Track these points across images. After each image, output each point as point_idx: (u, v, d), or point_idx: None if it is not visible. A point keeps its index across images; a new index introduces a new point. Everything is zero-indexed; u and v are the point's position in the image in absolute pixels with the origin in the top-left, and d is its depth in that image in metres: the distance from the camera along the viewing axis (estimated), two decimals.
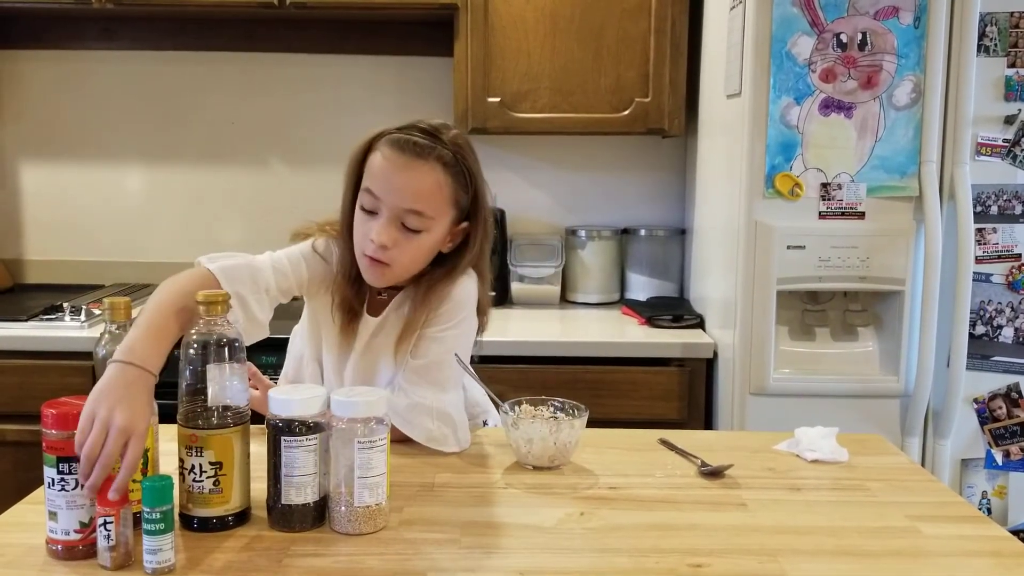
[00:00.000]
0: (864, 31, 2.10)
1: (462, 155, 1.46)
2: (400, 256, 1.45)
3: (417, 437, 1.49)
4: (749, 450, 1.56)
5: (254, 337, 1.49)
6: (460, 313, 1.53)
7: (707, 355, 2.41)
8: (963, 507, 1.34)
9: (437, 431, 1.50)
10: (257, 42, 2.96)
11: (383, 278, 1.48)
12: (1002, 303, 2.16)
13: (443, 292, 1.51)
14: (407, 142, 1.43)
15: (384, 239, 1.42)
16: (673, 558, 1.14)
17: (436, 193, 1.43)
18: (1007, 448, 2.21)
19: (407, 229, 1.43)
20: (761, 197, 2.16)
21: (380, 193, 1.43)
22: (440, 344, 1.51)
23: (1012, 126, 2.13)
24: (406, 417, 1.49)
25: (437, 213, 1.44)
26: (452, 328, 1.52)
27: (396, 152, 1.43)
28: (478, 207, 1.50)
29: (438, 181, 1.43)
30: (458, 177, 1.45)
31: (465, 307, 1.54)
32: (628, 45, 2.65)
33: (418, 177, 1.42)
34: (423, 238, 1.45)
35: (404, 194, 1.42)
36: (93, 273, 3.01)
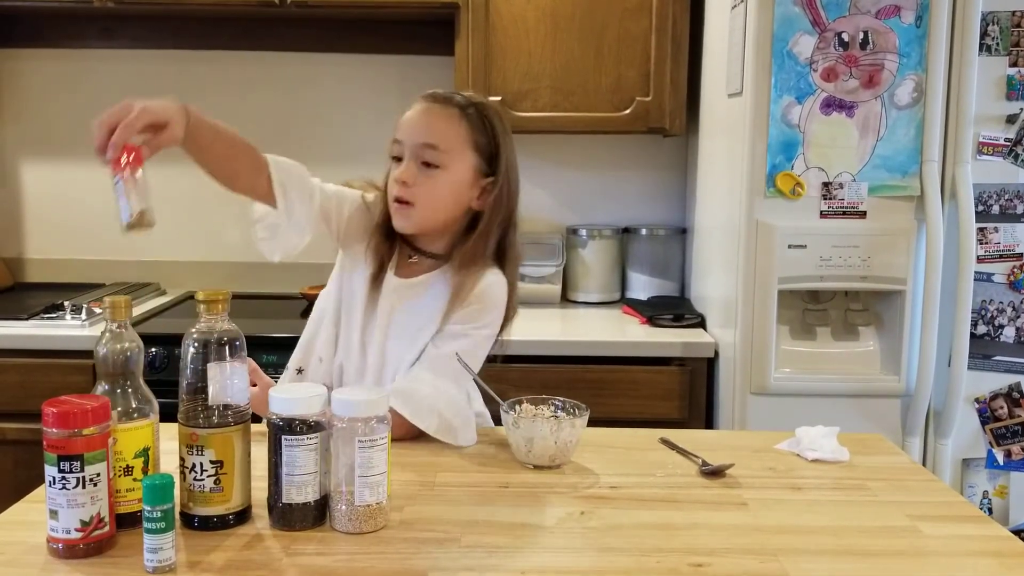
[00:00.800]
0: (866, 30, 2.10)
1: (481, 106, 1.57)
2: (422, 193, 1.52)
3: (427, 427, 1.51)
4: (750, 449, 1.55)
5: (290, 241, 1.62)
6: (490, 315, 1.57)
7: (708, 354, 2.41)
8: (964, 507, 1.34)
9: (449, 422, 1.52)
10: (257, 41, 2.96)
11: (408, 219, 1.55)
12: (1003, 302, 2.16)
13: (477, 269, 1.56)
14: (430, 95, 1.57)
15: (405, 176, 1.52)
16: (674, 557, 1.14)
17: (449, 129, 1.53)
18: (1008, 448, 2.21)
19: (426, 166, 1.52)
20: (762, 196, 2.16)
21: (402, 136, 1.55)
22: (464, 340, 1.55)
23: (1014, 125, 2.12)
24: (419, 405, 1.51)
25: (451, 148, 1.53)
26: (480, 328, 1.57)
27: (419, 102, 1.57)
28: (500, 159, 1.56)
29: (452, 119, 1.54)
30: (475, 122, 1.55)
31: (495, 310, 1.58)
32: (629, 44, 2.65)
33: (433, 115, 1.54)
34: (441, 175, 1.52)
35: (419, 130, 1.53)
36: (94, 272, 3.01)
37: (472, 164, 1.55)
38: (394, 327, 1.59)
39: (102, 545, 1.12)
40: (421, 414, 1.51)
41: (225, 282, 2.93)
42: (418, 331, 1.58)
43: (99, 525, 1.11)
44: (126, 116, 1.26)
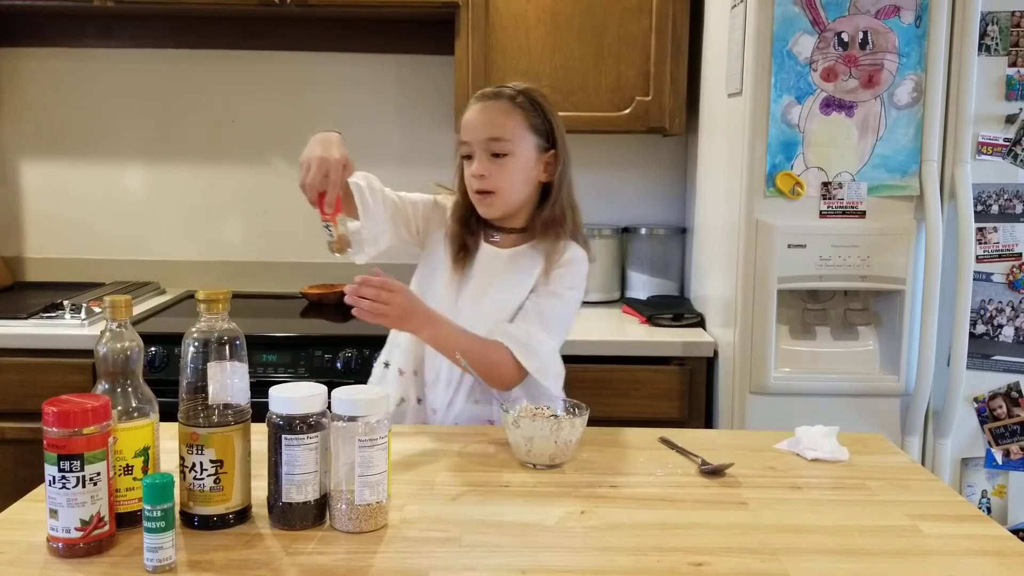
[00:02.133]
0: (865, 30, 2.10)
1: (528, 93, 1.74)
2: (498, 181, 1.70)
3: (530, 366, 1.65)
4: (750, 449, 1.56)
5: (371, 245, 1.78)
6: (577, 279, 1.76)
7: (708, 354, 2.41)
8: (963, 506, 1.34)
9: (547, 367, 1.68)
10: (258, 40, 2.96)
11: (492, 206, 1.73)
12: (1002, 302, 2.16)
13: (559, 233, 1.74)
14: (479, 95, 1.76)
15: (480, 170, 1.69)
16: (674, 557, 1.14)
17: (508, 119, 1.71)
18: (1007, 447, 2.21)
19: (495, 156, 1.69)
20: (762, 196, 2.16)
21: (467, 137, 1.72)
22: (557, 298, 1.73)
23: (1013, 125, 2.12)
24: (527, 346, 1.66)
25: (514, 136, 1.70)
26: (570, 289, 1.75)
27: (473, 103, 1.75)
28: (555, 132, 1.75)
29: (506, 111, 1.71)
30: (527, 107, 1.72)
31: (581, 279, 1.77)
32: (629, 44, 2.65)
33: (490, 111, 1.72)
34: (512, 162, 1.70)
35: (482, 128, 1.71)
36: (93, 271, 3.01)
37: (533, 144, 1.72)
38: (489, 295, 1.74)
39: (102, 544, 1.12)
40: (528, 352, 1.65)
41: (225, 281, 2.93)
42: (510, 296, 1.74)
43: (99, 524, 1.12)
44: (324, 174, 1.62)
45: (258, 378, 1.77)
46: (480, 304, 1.74)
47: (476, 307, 1.74)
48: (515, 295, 1.74)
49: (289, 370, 2.37)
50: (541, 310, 1.71)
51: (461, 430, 1.66)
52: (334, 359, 2.38)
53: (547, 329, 1.70)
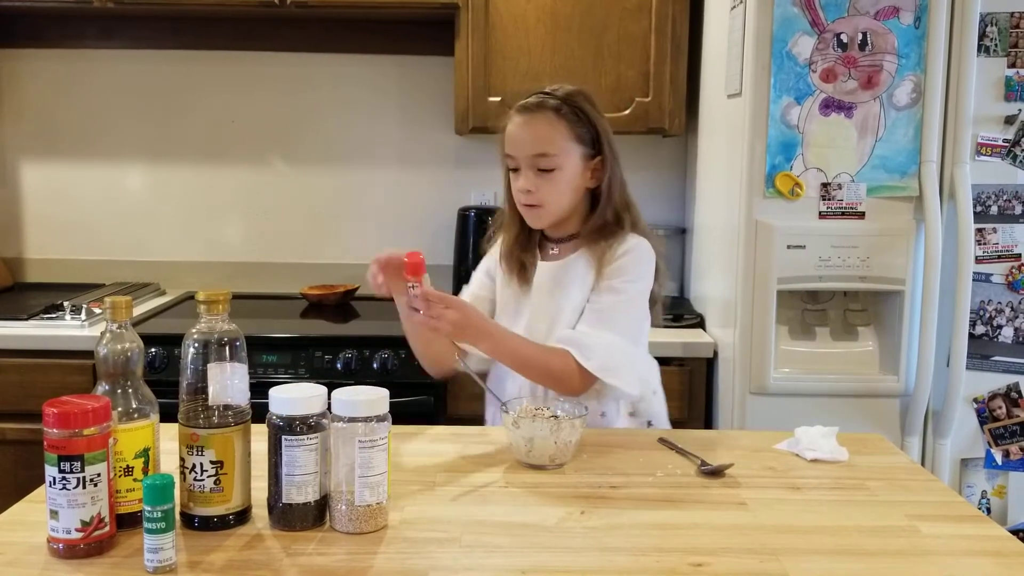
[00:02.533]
0: (865, 31, 2.10)
1: (571, 100, 1.70)
2: (546, 195, 1.68)
3: (592, 366, 1.61)
4: (749, 449, 1.56)
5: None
6: (638, 269, 1.71)
7: (707, 354, 2.42)
8: (963, 507, 1.35)
9: (612, 363, 1.63)
10: (258, 41, 2.96)
11: (540, 218, 1.72)
12: (1002, 303, 2.17)
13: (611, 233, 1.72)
14: (522, 106, 1.71)
15: (527, 185, 1.68)
16: (673, 557, 1.14)
17: (552, 134, 1.67)
18: (1007, 448, 2.21)
19: (542, 171, 1.67)
20: (761, 197, 2.16)
21: (512, 151, 1.70)
22: (615, 294, 1.69)
23: (1012, 126, 2.13)
24: (585, 346, 1.62)
25: (560, 150, 1.67)
26: (630, 282, 1.70)
27: (515, 115, 1.71)
28: (601, 139, 1.72)
29: (551, 124, 1.68)
30: (571, 117, 1.69)
31: (642, 264, 1.72)
32: (629, 44, 2.65)
33: (534, 126, 1.68)
34: (559, 175, 1.68)
35: (527, 144, 1.68)
36: (93, 272, 3.01)
37: (579, 154, 1.70)
38: (549, 309, 1.73)
39: (102, 545, 1.12)
40: (585, 352, 1.62)
41: (225, 282, 2.93)
42: (568, 305, 1.72)
43: (99, 525, 1.12)
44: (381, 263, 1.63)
45: (258, 379, 1.77)
46: (542, 320, 1.73)
47: (539, 324, 1.72)
48: (572, 303, 1.72)
49: (289, 371, 2.38)
50: (600, 308, 1.68)
51: (461, 430, 1.66)
52: (334, 360, 2.38)
53: (608, 327, 1.66)
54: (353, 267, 3.03)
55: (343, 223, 3.06)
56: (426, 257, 1.70)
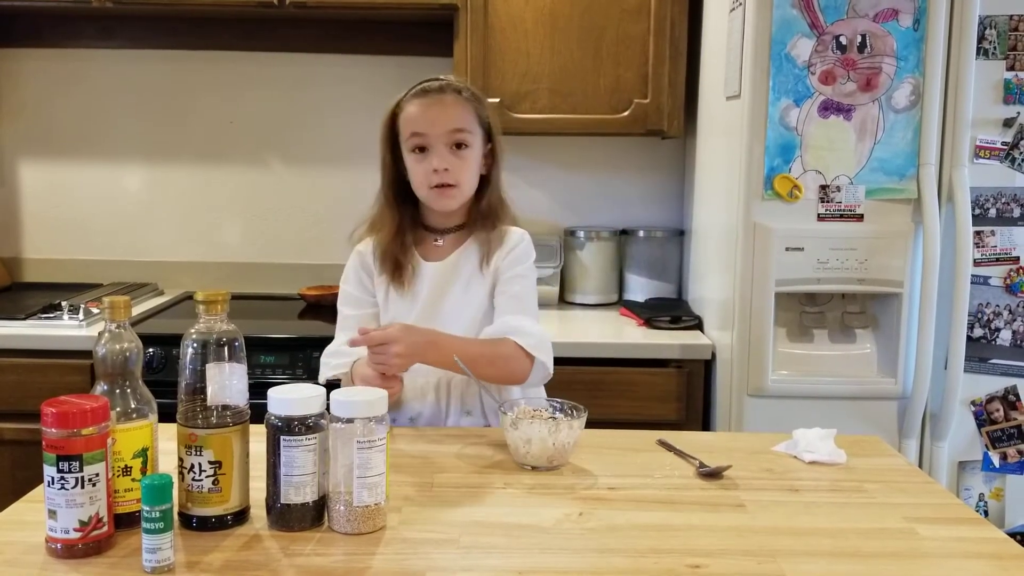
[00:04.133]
0: (864, 33, 2.10)
1: (468, 87, 1.75)
2: (461, 174, 1.69)
3: (526, 344, 1.64)
4: (747, 451, 1.56)
5: None
6: (531, 255, 1.77)
7: (705, 356, 2.42)
8: (960, 509, 1.35)
9: (543, 344, 1.67)
10: (256, 41, 2.96)
11: (453, 199, 1.71)
12: (1000, 306, 2.17)
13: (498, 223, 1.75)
14: (426, 88, 1.72)
15: (445, 163, 1.67)
16: (671, 558, 1.14)
17: (466, 113, 1.70)
18: (1004, 450, 2.21)
19: (456, 148, 1.68)
20: (760, 199, 2.16)
21: (425, 129, 1.68)
22: (523, 280, 1.73)
23: (1011, 129, 2.13)
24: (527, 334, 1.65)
25: (473, 128, 1.71)
26: (530, 268, 1.75)
27: (422, 97, 1.70)
28: (492, 125, 1.76)
29: (461, 103, 1.71)
30: (473, 101, 1.72)
31: (532, 251, 1.78)
32: (627, 46, 2.65)
33: (449, 104, 1.69)
34: (470, 153, 1.70)
35: (445, 120, 1.68)
36: (91, 272, 3.01)
37: (481, 136, 1.73)
38: (444, 309, 1.73)
39: (101, 545, 1.13)
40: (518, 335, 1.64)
41: (223, 282, 2.93)
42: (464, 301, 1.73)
43: (98, 525, 1.12)
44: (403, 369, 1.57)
45: (256, 379, 1.77)
46: (437, 320, 1.70)
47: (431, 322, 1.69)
48: (469, 298, 1.73)
49: (287, 371, 2.37)
50: (516, 296, 1.72)
51: (459, 432, 1.66)
52: None
53: (525, 311, 1.71)
54: None
55: (341, 224, 3.02)
56: None
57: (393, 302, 1.75)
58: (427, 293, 1.73)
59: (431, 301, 1.73)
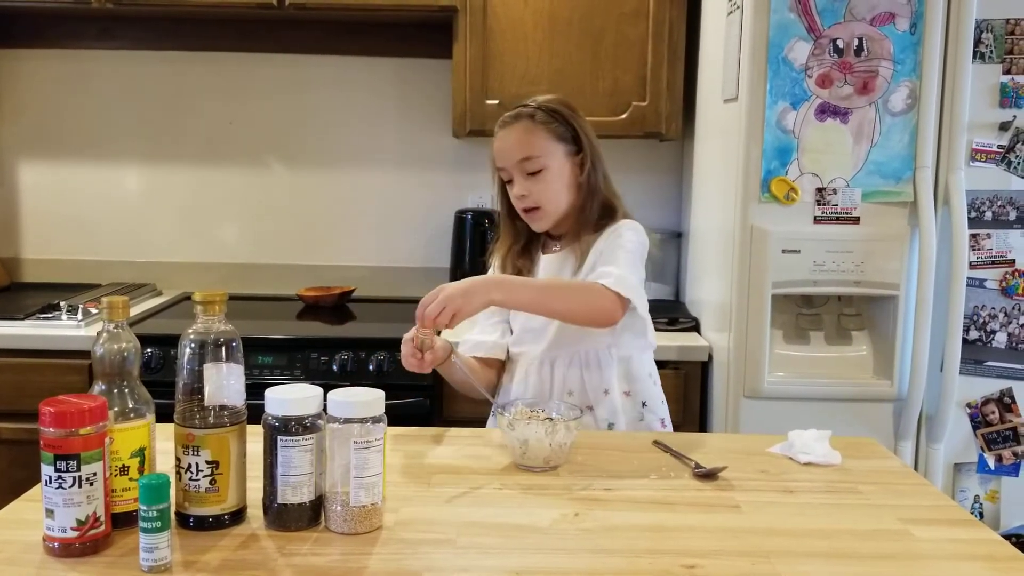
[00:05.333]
0: (860, 37, 2.11)
1: (546, 105, 1.78)
2: (540, 196, 1.75)
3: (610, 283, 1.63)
4: (743, 452, 1.56)
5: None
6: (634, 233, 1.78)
7: (702, 358, 2.42)
8: (955, 511, 1.35)
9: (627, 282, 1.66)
10: (256, 43, 2.97)
11: (541, 220, 1.79)
12: (995, 308, 2.18)
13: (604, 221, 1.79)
14: (502, 121, 1.80)
15: (521, 191, 1.75)
16: (667, 559, 1.15)
17: (532, 136, 1.75)
18: (1000, 453, 2.22)
19: (531, 175, 1.74)
20: (757, 201, 2.17)
21: (501, 163, 1.78)
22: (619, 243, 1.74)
23: (1007, 132, 2.14)
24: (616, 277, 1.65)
25: (542, 151, 1.75)
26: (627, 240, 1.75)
27: (498, 131, 1.79)
28: (579, 135, 1.78)
29: (529, 128, 1.75)
30: (546, 119, 1.76)
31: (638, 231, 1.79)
32: (626, 49, 2.66)
33: (514, 135, 1.76)
34: (547, 175, 1.75)
35: (510, 151, 1.75)
36: (90, 272, 3.01)
37: (563, 151, 1.77)
38: None
39: (98, 544, 1.13)
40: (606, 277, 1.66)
41: (221, 283, 2.93)
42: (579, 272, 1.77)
43: (95, 524, 1.12)
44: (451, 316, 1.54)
45: (254, 380, 1.77)
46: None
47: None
48: None
49: (285, 372, 2.38)
50: (603, 253, 1.74)
51: (456, 432, 1.66)
52: (330, 361, 2.38)
53: (615, 262, 1.70)
54: (350, 269, 3.04)
55: (340, 225, 3.07)
56: (422, 260, 1.73)
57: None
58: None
59: None
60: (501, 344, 1.85)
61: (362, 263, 3.05)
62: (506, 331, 1.87)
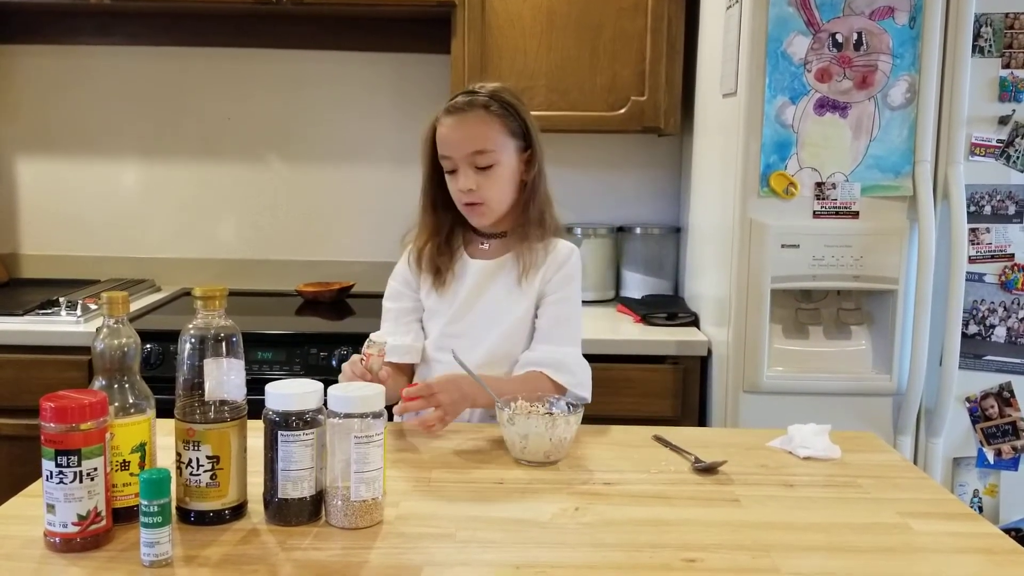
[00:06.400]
0: (860, 31, 2.11)
1: (499, 96, 1.74)
2: (487, 191, 1.72)
3: (566, 382, 1.68)
4: (742, 447, 1.57)
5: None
6: (577, 275, 1.79)
7: (701, 353, 2.42)
8: (955, 504, 1.36)
9: (581, 376, 1.72)
10: (254, 38, 2.96)
11: (484, 216, 1.75)
12: (995, 303, 2.18)
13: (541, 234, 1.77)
14: (451, 107, 1.73)
15: (469, 184, 1.70)
16: (667, 553, 1.15)
17: (487, 130, 1.71)
18: (999, 447, 2.22)
19: (481, 169, 1.70)
20: (756, 196, 2.17)
21: (448, 152, 1.72)
22: (567, 304, 1.76)
23: (1006, 126, 2.14)
24: (559, 364, 1.69)
25: (496, 146, 1.71)
26: (575, 291, 1.78)
27: (447, 117, 1.73)
28: (530, 131, 1.76)
29: (484, 120, 1.71)
30: (502, 112, 1.72)
31: (579, 269, 1.80)
32: (624, 43, 2.66)
33: (469, 125, 1.71)
34: (497, 171, 1.72)
35: (467, 142, 1.70)
36: (89, 268, 3.01)
37: (514, 147, 1.74)
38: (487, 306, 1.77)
39: (99, 539, 1.13)
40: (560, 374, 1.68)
41: (220, 279, 2.93)
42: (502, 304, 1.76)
43: (96, 519, 1.12)
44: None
45: (253, 375, 1.77)
46: (474, 317, 1.77)
47: (460, 321, 1.76)
48: (510, 303, 1.76)
49: (284, 367, 2.38)
50: (558, 320, 1.74)
51: (456, 427, 1.66)
52: (329, 356, 2.38)
53: (568, 339, 1.74)
54: (349, 264, 3.03)
55: (338, 220, 3.06)
56: None
57: (435, 298, 1.81)
58: (467, 290, 1.78)
59: (470, 298, 1.78)
60: (416, 347, 1.80)
61: (361, 258, 3.05)
62: (420, 333, 1.82)
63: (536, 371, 1.69)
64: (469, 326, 1.77)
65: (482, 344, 1.75)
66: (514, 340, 1.75)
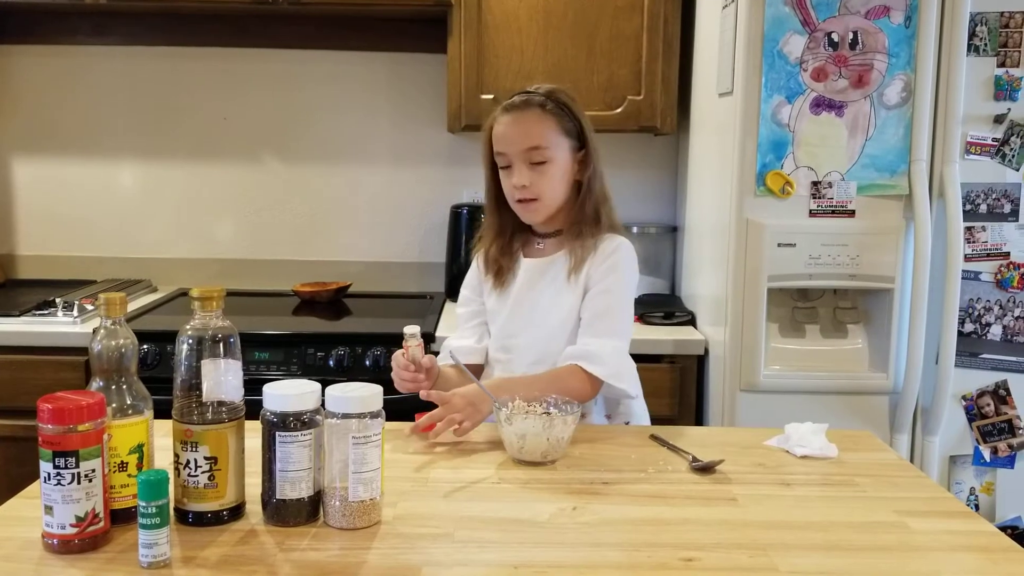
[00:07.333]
0: (855, 30, 2.11)
1: (554, 96, 1.77)
2: (540, 188, 1.73)
3: (599, 372, 1.67)
4: (740, 446, 1.57)
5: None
6: (626, 268, 1.77)
7: (698, 352, 2.43)
8: (951, 502, 1.36)
9: (618, 370, 1.70)
10: (250, 38, 2.96)
11: (536, 212, 1.77)
12: (991, 301, 2.18)
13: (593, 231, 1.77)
14: (508, 105, 1.77)
15: (522, 180, 1.73)
16: (664, 552, 1.15)
17: (542, 128, 1.73)
18: (995, 445, 2.23)
19: (535, 165, 1.72)
20: (752, 195, 2.17)
21: (504, 149, 1.74)
22: (610, 296, 1.74)
23: (1001, 125, 2.14)
24: (591, 355, 1.68)
25: (551, 143, 1.73)
26: (620, 282, 1.76)
27: (504, 115, 1.76)
28: (585, 132, 1.78)
29: (540, 118, 1.74)
30: (557, 111, 1.75)
31: (629, 261, 1.78)
32: (621, 43, 2.66)
33: (524, 122, 1.74)
34: (551, 168, 1.73)
35: (519, 139, 1.73)
36: (86, 268, 3.01)
37: (568, 146, 1.76)
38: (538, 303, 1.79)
39: (97, 540, 1.13)
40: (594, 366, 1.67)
41: (217, 279, 2.93)
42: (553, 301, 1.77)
43: (94, 521, 1.12)
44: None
45: (250, 376, 1.77)
46: (519, 315, 1.79)
47: (516, 319, 1.79)
48: (558, 300, 1.77)
49: (282, 368, 2.38)
50: (598, 313, 1.73)
51: None
52: (327, 357, 2.38)
53: (609, 331, 1.72)
54: (346, 264, 3.03)
55: (335, 220, 3.06)
56: (418, 255, 1.73)
57: (495, 299, 1.84)
58: (519, 287, 1.81)
59: (521, 296, 1.81)
60: (479, 349, 1.84)
61: (357, 258, 3.05)
62: (484, 334, 1.86)
63: (570, 364, 1.68)
64: (523, 325, 1.79)
65: (535, 342, 1.77)
66: (564, 336, 1.76)
